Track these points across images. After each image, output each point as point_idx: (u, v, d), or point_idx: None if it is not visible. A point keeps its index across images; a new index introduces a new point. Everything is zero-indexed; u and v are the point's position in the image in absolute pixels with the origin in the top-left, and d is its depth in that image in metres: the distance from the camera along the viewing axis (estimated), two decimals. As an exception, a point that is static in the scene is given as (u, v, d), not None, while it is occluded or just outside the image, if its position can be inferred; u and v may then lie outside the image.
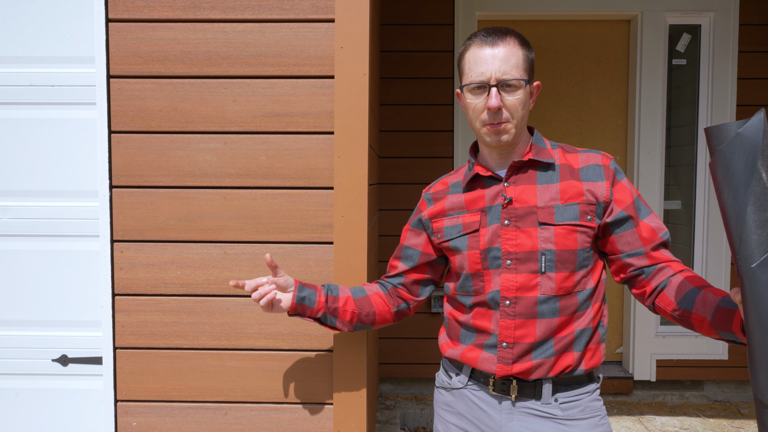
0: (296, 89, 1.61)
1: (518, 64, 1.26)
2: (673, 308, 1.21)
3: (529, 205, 1.28)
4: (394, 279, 1.49)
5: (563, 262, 1.26)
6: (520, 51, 1.27)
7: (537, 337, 1.27)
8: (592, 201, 1.27)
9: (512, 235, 1.28)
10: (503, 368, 1.28)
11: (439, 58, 3.43)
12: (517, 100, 1.27)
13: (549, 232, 1.26)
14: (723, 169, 0.92)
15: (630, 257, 1.28)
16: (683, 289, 1.21)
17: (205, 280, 1.65)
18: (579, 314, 1.29)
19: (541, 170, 1.31)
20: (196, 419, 1.67)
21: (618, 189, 1.29)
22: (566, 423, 1.28)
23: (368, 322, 1.46)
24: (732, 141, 0.91)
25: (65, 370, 1.73)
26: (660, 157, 3.45)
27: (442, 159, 3.45)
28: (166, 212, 1.64)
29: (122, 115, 1.63)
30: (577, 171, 1.30)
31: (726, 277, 3.46)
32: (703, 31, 3.44)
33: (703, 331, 1.16)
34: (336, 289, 1.45)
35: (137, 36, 1.61)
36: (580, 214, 1.26)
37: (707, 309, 1.14)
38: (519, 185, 1.31)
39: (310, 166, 1.62)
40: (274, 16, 1.60)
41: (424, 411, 3.37)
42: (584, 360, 1.30)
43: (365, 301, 1.45)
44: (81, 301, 1.71)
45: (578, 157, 1.32)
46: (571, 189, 1.28)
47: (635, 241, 1.28)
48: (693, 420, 3.30)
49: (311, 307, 1.41)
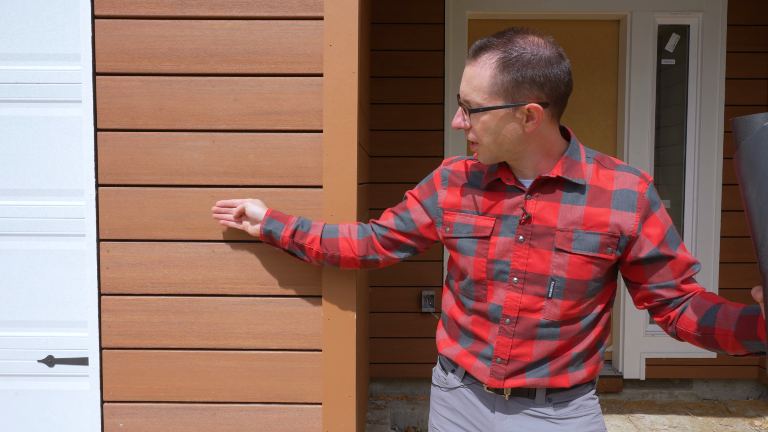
0: (285, 87, 1.60)
1: (481, 87, 1.14)
2: (696, 328, 1.15)
3: (548, 225, 1.20)
4: (379, 228, 1.44)
5: (572, 291, 1.21)
6: (491, 71, 1.13)
7: (533, 358, 1.24)
8: (616, 234, 1.18)
9: (524, 253, 1.21)
10: (495, 382, 1.27)
11: (429, 57, 3.43)
12: (480, 124, 1.17)
13: (563, 259, 1.19)
14: (747, 164, 0.88)
15: (659, 288, 1.22)
16: (703, 307, 1.15)
17: (192, 280, 1.64)
18: (579, 337, 1.25)
19: (569, 189, 1.20)
20: (183, 420, 1.66)
21: (650, 223, 1.19)
22: (559, 421, 1.27)
23: (333, 263, 1.49)
24: (758, 134, 0.86)
25: (51, 371, 1.71)
26: (649, 157, 3.47)
27: (432, 158, 3.45)
28: (154, 211, 1.63)
29: (108, 112, 1.61)
30: (608, 194, 1.19)
31: (714, 276, 3.49)
32: (692, 32, 3.46)
33: (729, 347, 1.10)
34: (308, 225, 1.48)
35: (124, 33, 1.60)
36: (600, 246, 1.18)
37: (730, 321, 1.09)
38: (541, 201, 1.21)
39: (298, 165, 1.61)
40: (263, 13, 1.59)
41: (415, 411, 3.37)
42: (579, 379, 1.27)
43: (333, 243, 1.46)
44: (67, 301, 1.70)
45: (614, 176, 1.20)
46: (597, 217, 1.18)
47: (667, 273, 1.21)
48: (682, 418, 3.32)
49: (277, 240, 1.49)
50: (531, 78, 1.12)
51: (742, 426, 3.24)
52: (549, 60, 1.13)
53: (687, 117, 3.51)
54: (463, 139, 3.43)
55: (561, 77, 1.15)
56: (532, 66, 1.12)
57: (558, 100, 1.17)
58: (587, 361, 1.27)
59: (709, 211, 3.48)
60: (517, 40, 1.13)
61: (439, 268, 3.50)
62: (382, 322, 3.50)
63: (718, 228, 3.48)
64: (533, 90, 1.13)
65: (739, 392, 3.61)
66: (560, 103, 1.18)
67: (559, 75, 1.14)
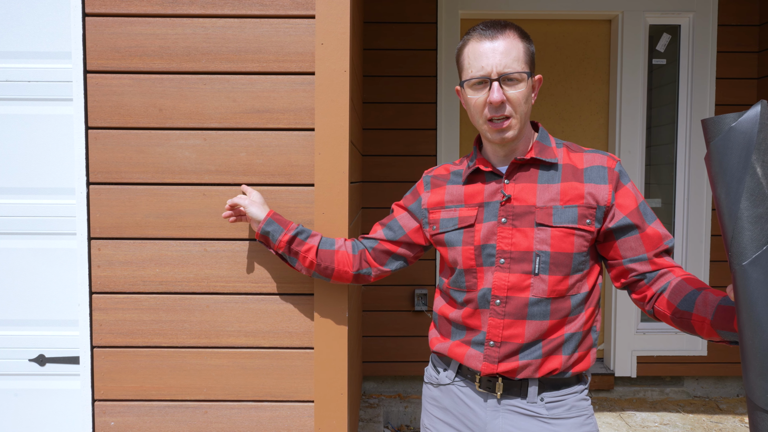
0: (276, 85, 1.60)
1: (519, 56, 1.23)
2: (673, 311, 1.18)
3: (527, 204, 1.26)
4: (368, 242, 1.48)
5: (557, 265, 1.24)
6: (521, 44, 1.24)
7: (525, 339, 1.25)
8: (592, 204, 1.24)
9: (508, 234, 1.26)
10: (489, 366, 1.28)
11: (422, 56, 3.43)
12: (519, 93, 1.24)
13: (545, 233, 1.24)
14: (716, 163, 0.89)
15: (632, 262, 1.25)
16: (683, 291, 1.18)
17: (184, 278, 1.63)
18: (571, 318, 1.27)
19: (543, 169, 1.28)
20: (175, 418, 1.66)
21: (621, 194, 1.25)
22: (551, 422, 1.27)
23: (325, 275, 1.49)
24: (726, 134, 0.87)
25: (42, 370, 1.71)
26: (640, 156, 3.49)
27: (425, 157, 3.46)
28: (145, 209, 1.63)
29: (99, 111, 1.61)
30: (580, 172, 1.27)
31: (705, 274, 3.51)
32: (683, 32, 3.48)
33: (704, 333, 1.13)
34: (306, 234, 1.47)
35: (115, 31, 1.59)
36: (578, 218, 1.24)
37: (708, 309, 1.11)
38: (519, 183, 1.28)
39: (290, 163, 1.61)
40: (254, 11, 1.59)
41: (408, 409, 3.38)
42: (572, 363, 1.28)
43: (328, 255, 1.46)
44: (58, 300, 1.69)
45: (583, 157, 1.29)
46: (572, 191, 1.25)
47: (639, 246, 1.25)
48: (673, 415, 3.34)
49: (273, 242, 1.48)
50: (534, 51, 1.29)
51: (732, 423, 3.27)
52: None
53: (678, 116, 3.53)
54: (456, 138, 3.44)
55: None
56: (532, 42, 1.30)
57: None
58: (581, 344, 1.29)
59: (699, 209, 3.50)
60: None
61: (431, 267, 3.50)
62: (375, 320, 3.51)
63: (709, 226, 3.50)
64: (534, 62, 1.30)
65: (730, 389, 3.64)
66: None
67: None
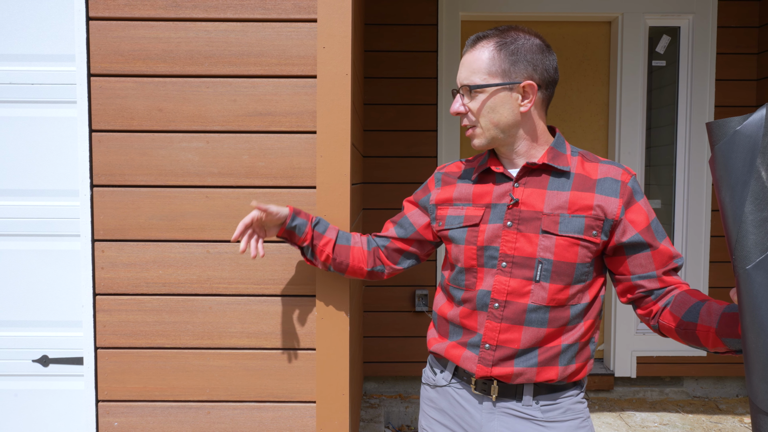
0: (279, 89, 1.61)
1: (480, 68, 1.24)
2: (678, 323, 1.17)
3: (534, 210, 1.25)
4: (381, 240, 1.50)
5: (559, 274, 1.23)
6: (489, 53, 1.24)
7: (521, 345, 1.25)
8: (600, 216, 1.22)
9: (512, 238, 1.26)
10: (483, 369, 1.28)
11: (423, 58, 3.44)
12: (477, 103, 1.26)
13: (550, 241, 1.23)
14: (721, 167, 0.88)
15: (641, 279, 1.24)
16: (687, 303, 1.17)
17: (187, 280, 1.65)
18: (569, 328, 1.26)
19: (555, 176, 1.27)
20: (178, 419, 1.67)
21: (634, 210, 1.23)
22: (546, 425, 1.27)
23: (339, 270, 1.50)
24: (731, 138, 0.87)
25: (46, 371, 1.72)
26: (640, 157, 3.50)
27: (425, 159, 3.47)
28: (148, 211, 1.64)
29: (103, 113, 1.62)
30: (592, 182, 1.25)
31: (705, 277, 3.52)
32: (682, 33, 3.49)
33: (709, 343, 1.12)
34: (324, 227, 1.48)
35: (118, 34, 1.61)
36: (585, 228, 1.22)
37: (712, 318, 1.11)
38: (528, 188, 1.27)
39: (292, 166, 1.63)
40: (257, 15, 1.60)
41: (408, 409, 3.39)
42: (569, 375, 1.28)
43: (344, 250, 1.47)
44: (62, 301, 1.70)
45: (598, 168, 1.27)
46: (581, 201, 1.23)
47: (649, 263, 1.24)
48: (672, 416, 3.36)
49: (299, 236, 1.46)
50: (524, 59, 1.24)
51: (732, 423, 3.28)
52: (540, 47, 1.26)
53: (677, 118, 3.54)
54: (457, 139, 3.46)
55: (551, 64, 1.27)
56: (525, 50, 1.24)
57: (548, 85, 1.28)
58: (578, 355, 1.28)
59: (699, 210, 3.51)
60: (511, 31, 1.26)
61: (432, 268, 3.52)
62: (376, 321, 3.52)
63: (709, 227, 3.51)
64: (527, 70, 1.24)
65: (729, 390, 3.65)
66: (550, 89, 1.29)
67: (549, 62, 1.27)
